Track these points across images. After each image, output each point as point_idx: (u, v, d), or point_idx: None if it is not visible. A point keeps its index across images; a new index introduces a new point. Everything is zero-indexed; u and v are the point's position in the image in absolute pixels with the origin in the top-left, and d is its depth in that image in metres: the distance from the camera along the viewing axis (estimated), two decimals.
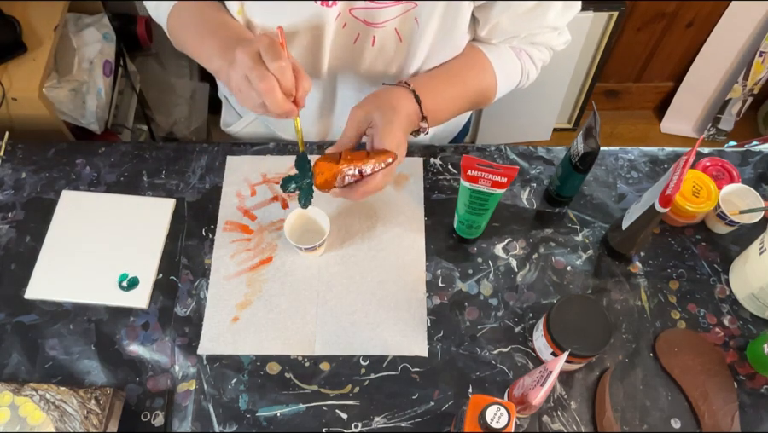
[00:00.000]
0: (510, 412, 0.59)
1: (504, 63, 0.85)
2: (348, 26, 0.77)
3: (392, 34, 0.78)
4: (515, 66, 0.87)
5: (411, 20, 0.76)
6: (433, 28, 0.77)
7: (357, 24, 0.76)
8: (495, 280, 0.85)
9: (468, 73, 0.84)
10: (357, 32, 0.77)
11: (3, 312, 0.81)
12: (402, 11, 0.75)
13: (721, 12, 1.70)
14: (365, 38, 0.78)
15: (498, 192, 0.75)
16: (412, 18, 0.76)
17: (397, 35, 0.78)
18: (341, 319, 0.81)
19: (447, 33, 0.78)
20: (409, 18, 0.76)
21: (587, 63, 1.82)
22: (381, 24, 0.76)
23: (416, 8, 0.75)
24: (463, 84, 0.84)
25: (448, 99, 0.83)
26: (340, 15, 0.75)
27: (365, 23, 0.76)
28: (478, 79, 0.85)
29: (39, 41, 1.33)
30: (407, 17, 0.76)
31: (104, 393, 0.71)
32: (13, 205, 0.89)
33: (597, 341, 0.71)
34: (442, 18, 0.76)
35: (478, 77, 0.85)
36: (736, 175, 0.91)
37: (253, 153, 0.94)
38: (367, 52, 0.80)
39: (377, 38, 0.78)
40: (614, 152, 0.97)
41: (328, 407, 0.76)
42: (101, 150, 0.94)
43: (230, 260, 0.85)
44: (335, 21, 0.76)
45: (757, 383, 0.79)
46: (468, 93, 0.85)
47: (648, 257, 0.87)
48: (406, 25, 0.77)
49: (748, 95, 1.90)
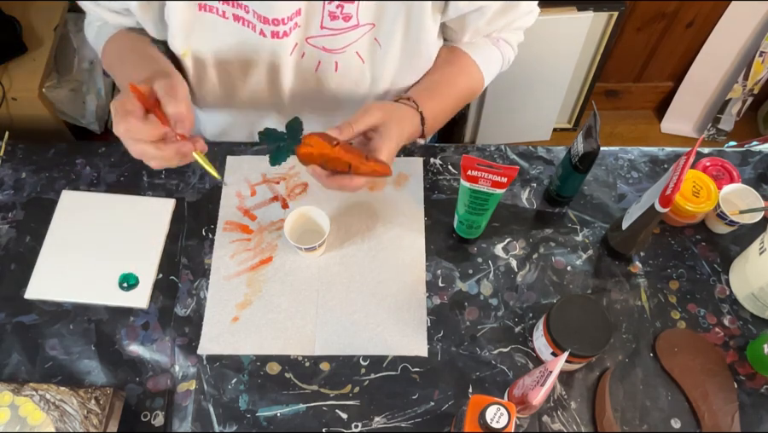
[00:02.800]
0: (510, 412, 0.59)
1: (487, 59, 0.88)
2: (307, 56, 0.77)
3: (355, 57, 0.77)
4: (497, 57, 0.90)
5: (371, 41, 0.76)
6: (396, 47, 0.77)
7: (317, 52, 0.76)
8: (495, 280, 0.85)
9: (459, 82, 0.86)
10: (317, 60, 0.77)
11: (3, 312, 0.81)
12: (361, 34, 0.74)
13: (721, 12, 1.70)
14: (327, 65, 0.78)
15: (498, 192, 0.75)
16: (372, 39, 0.75)
17: (359, 57, 0.77)
18: (341, 319, 0.81)
19: (412, 49, 0.78)
20: (368, 40, 0.75)
21: (587, 63, 1.82)
22: (341, 49, 0.75)
23: (374, 29, 0.74)
24: (457, 93, 0.86)
25: (445, 112, 0.86)
26: (297, 46, 0.75)
27: (324, 50, 0.76)
28: (467, 84, 0.88)
29: (39, 41, 1.33)
30: (367, 39, 0.75)
31: (104, 393, 0.71)
32: (13, 205, 0.89)
33: (597, 341, 0.71)
34: (404, 36, 0.75)
35: (467, 82, 0.87)
36: (736, 175, 0.91)
37: (253, 153, 0.94)
38: (330, 78, 0.80)
39: (339, 64, 0.77)
40: (614, 152, 0.97)
41: (328, 406, 0.76)
42: (101, 150, 0.94)
43: (230, 260, 0.85)
44: (292, 54, 0.75)
45: (757, 383, 0.79)
46: (460, 101, 0.88)
47: (648, 257, 0.88)
48: (367, 47, 0.76)
49: (748, 95, 1.90)
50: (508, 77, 1.74)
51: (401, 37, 0.76)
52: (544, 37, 1.62)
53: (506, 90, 1.78)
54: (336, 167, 0.69)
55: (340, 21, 0.72)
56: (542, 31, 1.59)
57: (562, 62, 1.74)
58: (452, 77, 0.85)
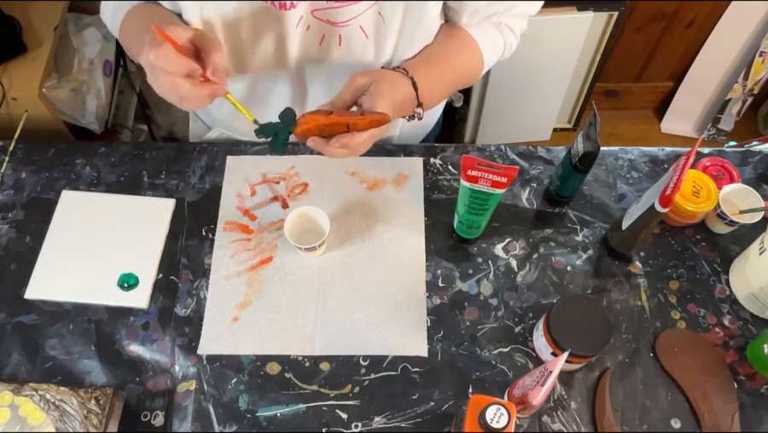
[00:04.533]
0: (510, 412, 0.59)
1: (488, 40, 0.87)
2: (312, 29, 0.77)
3: (358, 31, 0.77)
4: (498, 41, 0.88)
5: (375, 15, 0.76)
6: (398, 21, 0.77)
7: (321, 25, 0.76)
8: (495, 280, 0.85)
9: (457, 56, 0.85)
10: (321, 33, 0.77)
11: (3, 312, 0.81)
12: (365, 8, 0.75)
13: (721, 12, 1.71)
14: (331, 38, 0.78)
15: (498, 192, 0.75)
16: (376, 13, 0.76)
17: (362, 31, 0.78)
18: (341, 319, 0.81)
19: (414, 24, 0.78)
20: (372, 14, 0.76)
21: (587, 63, 1.82)
22: (346, 22, 0.76)
23: (378, 4, 0.75)
24: (454, 67, 0.85)
25: (441, 84, 0.83)
26: (302, 19, 0.75)
27: (329, 23, 0.76)
28: (467, 60, 0.86)
29: (39, 41, 1.33)
30: (371, 13, 0.76)
31: (104, 393, 0.71)
32: (13, 205, 0.89)
33: (597, 341, 0.71)
34: (406, 10, 0.76)
35: (467, 58, 0.86)
36: (736, 175, 0.91)
37: (253, 153, 0.94)
38: (334, 51, 0.80)
39: (343, 37, 0.78)
40: (614, 152, 0.97)
41: (328, 407, 0.76)
42: (101, 150, 0.94)
43: (230, 260, 0.85)
44: (298, 26, 0.76)
45: (757, 383, 0.79)
46: (458, 75, 0.86)
47: (648, 257, 0.87)
48: (370, 21, 0.77)
49: (748, 95, 1.90)
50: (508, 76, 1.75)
51: (403, 12, 0.76)
52: (544, 37, 1.62)
53: (506, 90, 1.78)
54: (335, 131, 0.68)
55: None
56: (542, 31, 1.59)
57: (562, 62, 1.74)
58: (449, 51, 0.84)
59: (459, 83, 0.88)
